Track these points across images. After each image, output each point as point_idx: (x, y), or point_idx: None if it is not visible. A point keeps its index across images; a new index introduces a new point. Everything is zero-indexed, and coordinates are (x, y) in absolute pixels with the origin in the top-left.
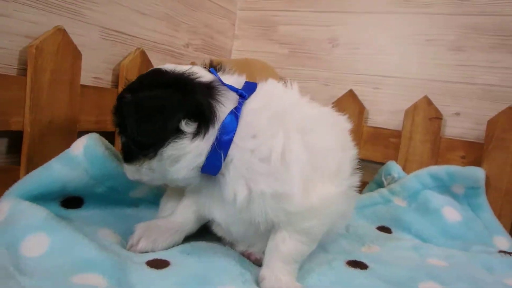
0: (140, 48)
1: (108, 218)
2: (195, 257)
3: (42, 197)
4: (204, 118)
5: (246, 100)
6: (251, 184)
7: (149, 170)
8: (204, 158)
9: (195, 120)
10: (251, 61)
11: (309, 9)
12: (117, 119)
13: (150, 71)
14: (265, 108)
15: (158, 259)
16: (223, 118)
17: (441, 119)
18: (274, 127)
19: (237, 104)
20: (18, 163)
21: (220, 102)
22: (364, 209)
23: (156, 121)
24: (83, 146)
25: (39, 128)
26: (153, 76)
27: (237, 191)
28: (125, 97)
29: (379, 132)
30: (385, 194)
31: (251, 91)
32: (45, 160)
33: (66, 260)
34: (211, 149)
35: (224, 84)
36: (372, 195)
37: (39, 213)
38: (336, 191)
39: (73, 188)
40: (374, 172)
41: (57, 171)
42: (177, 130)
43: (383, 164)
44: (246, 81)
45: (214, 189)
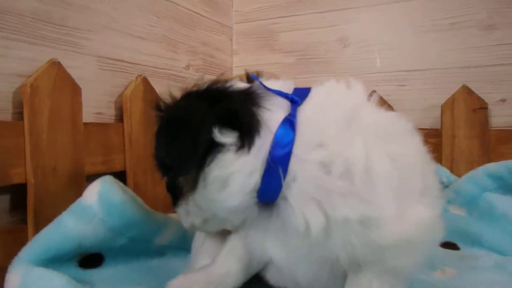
0: (142, 75)
1: (133, 274)
2: None
3: (57, 259)
4: (244, 127)
5: (300, 107)
6: (327, 208)
7: (196, 208)
8: (259, 179)
9: (233, 130)
10: None
11: (311, 11)
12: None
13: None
14: (328, 112)
15: None
16: (275, 128)
17: (487, 109)
18: (348, 133)
19: (290, 111)
20: (25, 221)
21: (265, 108)
22: None
23: (185, 135)
24: (97, 194)
25: (43, 177)
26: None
27: (310, 219)
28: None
29: None
30: None
31: (304, 96)
32: (54, 213)
33: None
34: (266, 167)
35: (269, 90)
36: None
37: (58, 280)
38: (431, 214)
39: (90, 245)
40: None
41: (70, 227)
42: (214, 144)
43: None
44: (296, 88)
45: (271, 219)
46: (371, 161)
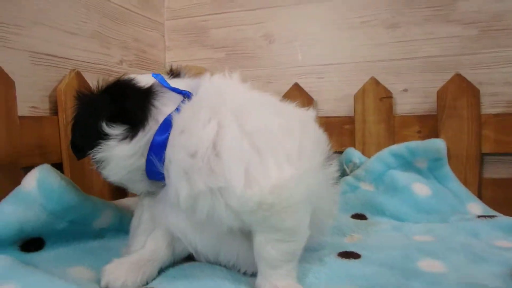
0: (75, 70)
1: (75, 255)
2: (183, 280)
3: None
4: (131, 122)
5: (187, 100)
6: (192, 183)
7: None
8: (143, 162)
9: (123, 124)
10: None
11: (239, 9)
12: None
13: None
14: (200, 101)
15: None
16: (161, 120)
17: (392, 98)
18: (206, 117)
19: (178, 105)
20: None
21: (156, 104)
22: None
23: (82, 127)
24: (36, 180)
25: None
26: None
27: (179, 190)
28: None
29: (331, 121)
30: (351, 182)
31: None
32: None
33: None
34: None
35: (168, 87)
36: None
37: (2, 262)
38: (293, 174)
39: (31, 229)
40: None
41: (9, 213)
42: (104, 134)
43: (341, 153)
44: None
45: (167, 195)
46: (221, 138)
